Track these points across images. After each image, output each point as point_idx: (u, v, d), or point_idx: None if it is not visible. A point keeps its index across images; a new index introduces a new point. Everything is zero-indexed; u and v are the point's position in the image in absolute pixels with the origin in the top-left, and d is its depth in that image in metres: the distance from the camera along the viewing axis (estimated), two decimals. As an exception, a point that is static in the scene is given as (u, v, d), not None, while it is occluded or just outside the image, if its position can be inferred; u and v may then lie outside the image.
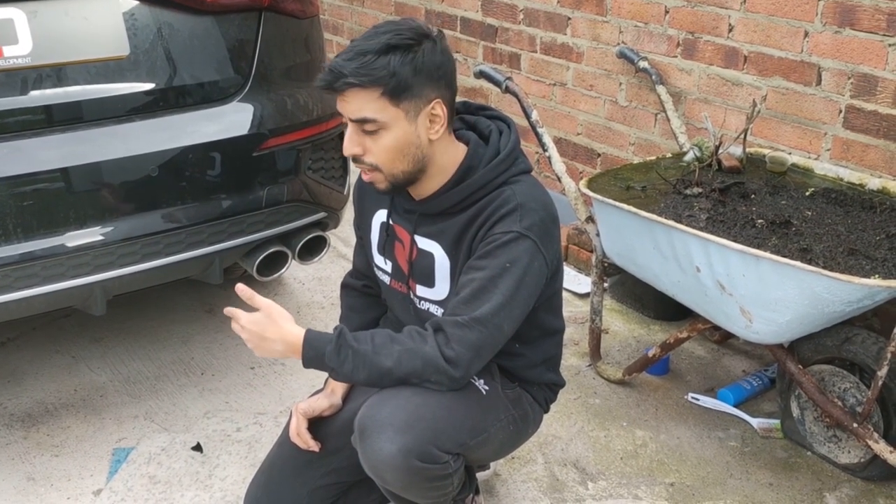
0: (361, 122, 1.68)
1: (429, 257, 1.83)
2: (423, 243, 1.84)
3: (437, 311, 1.85)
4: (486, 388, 1.85)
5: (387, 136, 1.69)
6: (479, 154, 1.78)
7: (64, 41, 2.13)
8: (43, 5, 2.10)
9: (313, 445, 1.92)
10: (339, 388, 2.00)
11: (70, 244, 2.16)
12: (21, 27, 2.07)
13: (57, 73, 2.13)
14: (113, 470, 2.35)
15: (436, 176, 1.77)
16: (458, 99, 1.80)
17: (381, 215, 1.93)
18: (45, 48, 2.10)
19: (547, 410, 2.04)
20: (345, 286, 2.17)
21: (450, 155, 1.77)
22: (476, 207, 1.75)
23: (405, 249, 1.87)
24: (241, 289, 1.78)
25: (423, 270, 1.85)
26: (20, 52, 2.07)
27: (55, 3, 2.12)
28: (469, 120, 1.87)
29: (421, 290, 1.87)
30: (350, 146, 1.72)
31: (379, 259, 1.96)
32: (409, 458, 1.67)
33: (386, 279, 1.96)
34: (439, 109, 1.69)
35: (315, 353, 1.71)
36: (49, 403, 2.63)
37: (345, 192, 2.72)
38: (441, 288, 1.84)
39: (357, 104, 1.66)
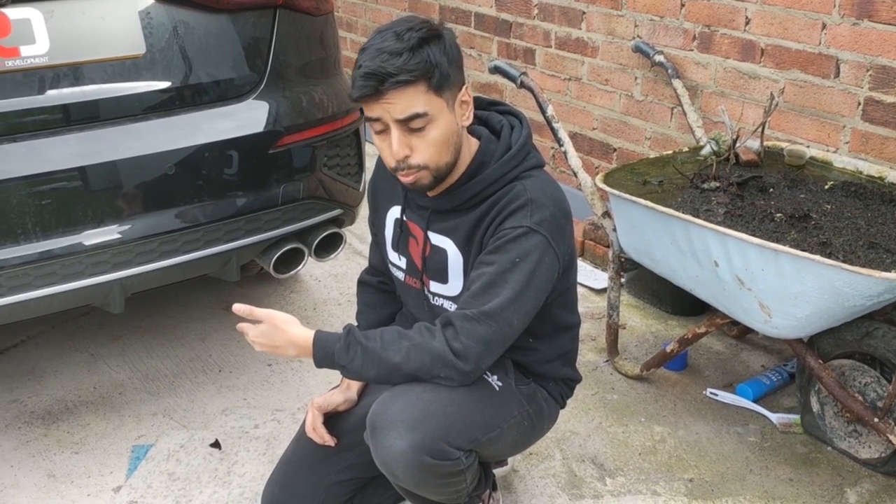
0: (411, 119, 1.64)
1: (442, 253, 1.83)
2: (436, 239, 1.84)
3: (451, 306, 1.85)
4: (500, 384, 1.84)
5: (434, 130, 1.67)
6: (490, 149, 1.78)
7: (80, 40, 2.14)
8: (59, 5, 2.11)
9: (329, 440, 1.93)
10: (354, 384, 2.01)
11: (88, 242, 2.17)
12: (38, 27, 2.08)
13: (74, 73, 2.14)
14: (132, 467, 2.36)
15: (454, 168, 1.77)
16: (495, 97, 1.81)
17: (394, 212, 1.93)
18: (62, 48, 2.11)
19: (563, 406, 2.03)
20: (361, 283, 2.18)
21: (465, 148, 1.77)
22: (488, 203, 1.75)
23: (419, 246, 1.87)
24: (238, 308, 1.77)
25: (436, 266, 1.85)
26: (37, 51, 2.08)
27: (72, 3, 2.13)
28: (481, 115, 1.86)
29: (434, 286, 1.87)
30: (400, 149, 1.67)
31: (393, 256, 1.96)
32: (419, 455, 1.67)
33: (400, 276, 1.96)
34: (467, 94, 1.72)
35: (325, 352, 1.72)
36: (69, 401, 2.65)
37: (360, 189, 2.72)
38: (454, 284, 1.84)
39: (405, 102, 1.63)
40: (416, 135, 1.67)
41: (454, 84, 1.69)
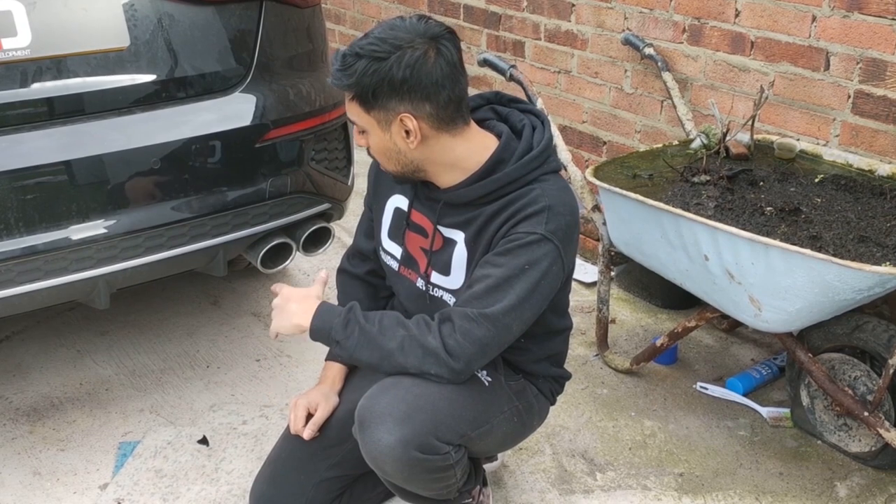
0: (352, 121, 1.74)
1: (450, 245, 1.82)
2: (445, 232, 1.82)
3: (451, 299, 1.84)
4: (489, 379, 1.84)
5: (371, 139, 1.74)
6: (511, 147, 1.75)
7: (63, 33, 2.11)
8: (42, -3, 2.08)
9: (314, 433, 1.94)
10: (336, 383, 2.01)
11: (73, 238, 2.14)
12: (20, 19, 2.05)
13: (57, 66, 2.11)
14: (119, 464, 2.34)
15: (452, 171, 1.76)
16: (487, 90, 1.78)
17: (396, 200, 1.91)
18: (44, 40, 2.08)
19: (553, 402, 2.02)
20: (343, 272, 2.13)
21: (459, 152, 1.74)
22: (503, 201, 1.73)
23: (425, 237, 1.85)
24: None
25: (441, 258, 1.84)
26: (19, 44, 2.05)
27: (54, -5, 2.10)
28: (502, 112, 1.84)
29: (436, 278, 1.86)
30: (358, 138, 1.78)
31: (388, 244, 1.94)
32: (408, 449, 1.67)
33: (394, 265, 1.95)
34: (410, 124, 1.67)
35: (323, 324, 1.73)
36: (54, 397, 2.63)
37: (349, 183, 2.70)
38: (457, 277, 1.83)
39: (346, 103, 1.73)
40: (364, 135, 1.75)
41: (384, 108, 1.67)
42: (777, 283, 2.06)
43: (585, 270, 3.35)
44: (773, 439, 2.44)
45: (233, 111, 2.34)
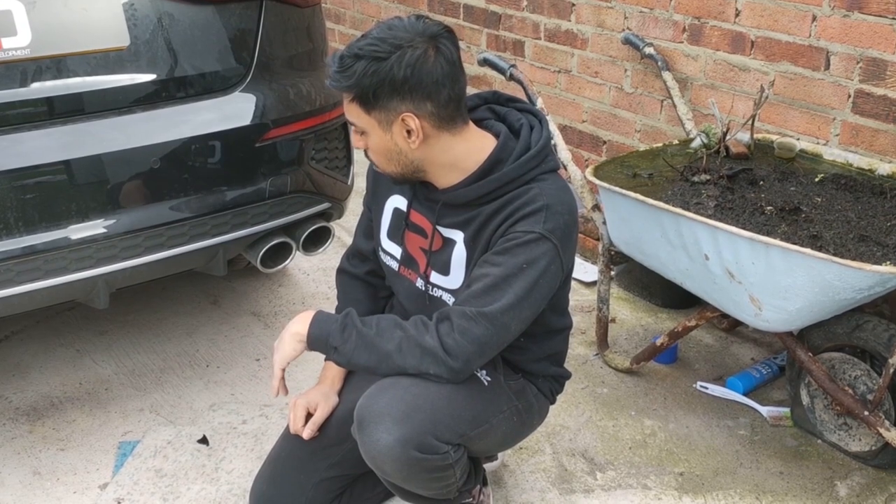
0: (351, 122, 1.73)
1: (449, 245, 1.82)
2: (445, 232, 1.82)
3: (450, 299, 1.84)
4: (489, 379, 1.84)
5: (370, 140, 1.73)
6: (508, 147, 1.75)
7: (63, 32, 2.11)
8: (41, -4, 2.08)
9: (313, 433, 1.94)
10: (335, 382, 2.01)
11: (72, 237, 2.14)
12: (20, 19, 2.05)
13: (57, 65, 2.11)
14: (119, 463, 2.34)
15: (451, 171, 1.75)
16: (486, 89, 1.77)
17: (395, 201, 1.91)
18: (44, 40, 2.08)
19: (553, 402, 2.02)
20: (343, 272, 2.13)
21: (458, 151, 1.74)
22: (501, 201, 1.73)
23: (425, 238, 1.85)
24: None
25: (440, 258, 1.84)
26: (19, 43, 2.05)
27: (54, -6, 2.10)
28: (499, 111, 1.84)
29: (435, 278, 1.86)
30: (356, 141, 1.77)
31: (388, 244, 1.94)
32: (406, 449, 1.67)
33: (394, 265, 1.95)
34: (412, 123, 1.67)
35: (320, 331, 1.74)
36: (54, 397, 2.62)
37: (349, 183, 2.70)
38: (456, 276, 1.83)
39: (345, 105, 1.71)
40: (363, 137, 1.74)
41: (385, 108, 1.66)
42: (777, 282, 2.06)
43: (585, 270, 3.35)
44: (773, 438, 2.44)
45: (233, 111, 2.34)
